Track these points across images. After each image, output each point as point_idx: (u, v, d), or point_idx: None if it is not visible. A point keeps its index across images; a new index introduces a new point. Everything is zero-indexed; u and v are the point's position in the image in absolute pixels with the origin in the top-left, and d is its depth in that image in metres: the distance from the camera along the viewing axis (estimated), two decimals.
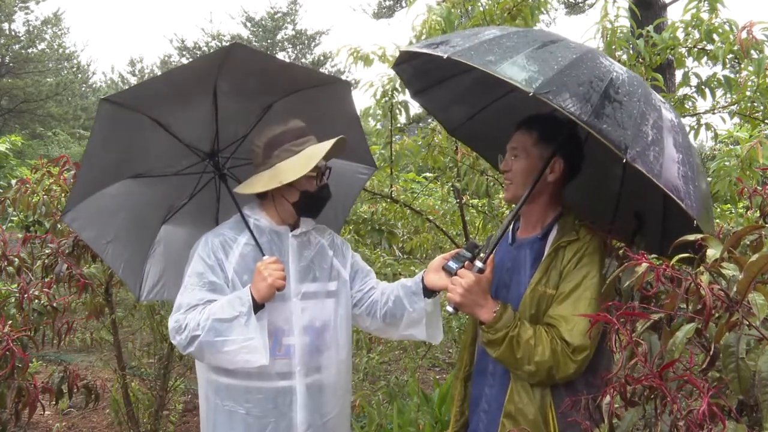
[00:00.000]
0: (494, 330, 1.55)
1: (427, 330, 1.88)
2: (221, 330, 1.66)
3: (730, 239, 1.14)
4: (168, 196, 2.09)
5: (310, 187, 1.83)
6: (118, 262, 2.07)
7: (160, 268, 2.15)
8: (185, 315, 1.72)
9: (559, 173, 1.66)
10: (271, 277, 1.67)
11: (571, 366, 1.51)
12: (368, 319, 1.97)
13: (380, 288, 1.98)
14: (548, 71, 1.33)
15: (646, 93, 1.43)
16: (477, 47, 1.45)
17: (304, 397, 1.81)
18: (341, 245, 2.02)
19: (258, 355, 1.67)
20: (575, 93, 1.31)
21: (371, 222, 3.60)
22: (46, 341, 2.72)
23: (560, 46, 1.45)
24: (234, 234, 1.84)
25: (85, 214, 1.91)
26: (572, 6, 13.99)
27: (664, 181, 1.29)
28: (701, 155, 9.97)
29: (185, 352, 1.75)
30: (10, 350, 2.02)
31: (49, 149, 19.67)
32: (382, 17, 18.11)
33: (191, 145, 1.96)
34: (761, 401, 0.97)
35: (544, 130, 1.66)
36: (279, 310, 1.79)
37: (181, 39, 33.39)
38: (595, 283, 1.54)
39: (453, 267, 1.65)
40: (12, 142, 8.02)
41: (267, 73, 1.90)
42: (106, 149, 1.83)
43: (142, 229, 2.09)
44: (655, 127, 1.37)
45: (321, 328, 1.87)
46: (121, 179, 1.94)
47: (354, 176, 2.25)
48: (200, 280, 1.76)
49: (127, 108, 1.73)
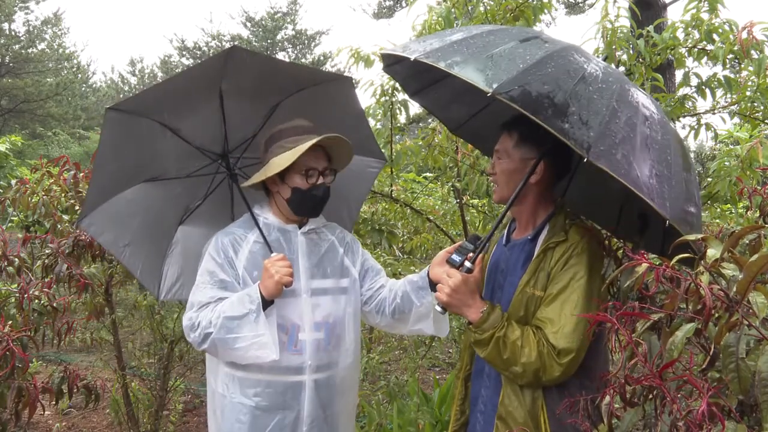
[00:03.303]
0: (481, 330, 1.55)
1: (434, 324, 1.90)
2: (232, 327, 1.71)
3: (730, 239, 1.14)
4: (183, 198, 2.13)
5: (302, 185, 1.84)
6: (136, 265, 2.11)
7: (178, 268, 2.18)
8: (198, 313, 1.77)
9: (541, 175, 1.63)
10: (278, 274, 1.71)
11: (556, 369, 1.49)
12: (378, 316, 2.00)
13: (389, 285, 2.00)
14: (512, 70, 1.32)
15: (622, 90, 1.41)
16: (446, 48, 1.45)
17: (313, 392, 1.84)
18: (351, 243, 2.04)
19: (268, 351, 1.72)
20: (538, 91, 1.29)
21: (371, 222, 3.60)
22: (46, 341, 2.72)
23: (532, 44, 1.44)
24: (244, 232, 1.88)
25: (101, 219, 1.96)
26: (572, 6, 13.99)
27: (632, 179, 1.27)
28: (701, 155, 9.96)
29: (200, 349, 1.80)
30: (10, 350, 2.02)
31: (49, 149, 19.68)
32: (382, 17, 18.12)
33: (201, 147, 1.99)
34: (761, 401, 0.97)
35: (525, 132, 1.64)
36: (291, 306, 1.83)
37: (181, 39, 33.45)
38: (583, 284, 1.52)
39: (456, 260, 1.67)
40: (12, 142, 8.02)
41: (269, 73, 1.92)
42: (118, 155, 1.86)
43: (159, 231, 2.13)
44: (628, 124, 1.35)
45: (333, 324, 1.89)
46: (135, 183, 1.98)
47: (365, 170, 2.26)
48: (211, 279, 1.81)
49: (134, 114, 1.76)
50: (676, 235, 1.28)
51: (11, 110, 22.67)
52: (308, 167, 1.83)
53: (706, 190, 2.83)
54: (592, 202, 1.88)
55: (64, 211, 3.08)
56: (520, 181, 1.62)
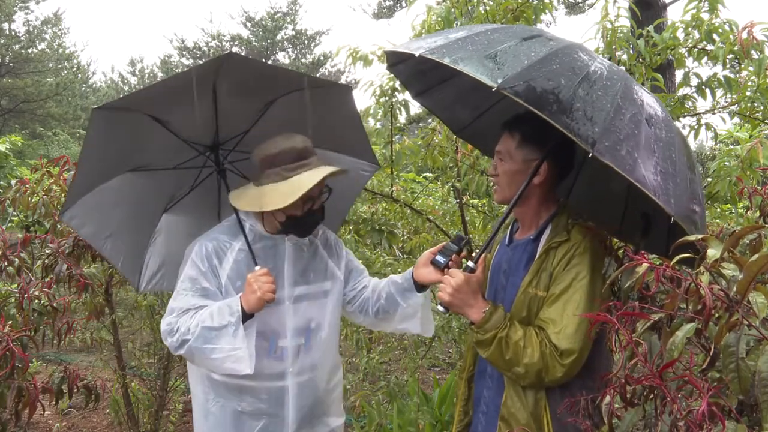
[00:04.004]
0: (483, 330, 1.54)
1: (421, 324, 1.91)
2: (210, 338, 1.69)
3: (730, 239, 1.14)
4: (168, 186, 2.08)
5: (297, 212, 1.79)
6: (118, 256, 2.07)
7: (161, 257, 2.15)
8: (177, 318, 1.75)
9: (544, 176, 1.63)
10: (260, 290, 1.68)
11: (559, 369, 1.49)
12: (360, 315, 2.01)
13: (371, 285, 2.00)
14: (517, 66, 1.32)
15: (626, 88, 1.41)
16: (450, 45, 1.44)
17: (296, 396, 1.84)
18: (335, 244, 2.02)
19: (243, 365, 1.69)
20: (543, 87, 1.29)
21: (371, 222, 3.60)
22: (46, 341, 2.72)
23: (536, 42, 1.43)
24: (228, 239, 1.84)
25: (82, 211, 1.90)
26: (572, 6, 13.98)
27: (637, 175, 1.27)
28: (701, 155, 9.96)
29: (176, 353, 1.79)
30: (10, 350, 2.02)
31: (49, 149, 19.66)
32: (382, 17, 18.11)
33: (189, 140, 1.94)
34: (761, 401, 0.96)
35: (527, 132, 1.62)
36: (272, 313, 1.81)
37: (181, 39, 33.36)
38: (585, 284, 1.52)
39: (441, 261, 1.67)
40: (12, 142, 8.02)
41: (266, 76, 1.90)
42: (102, 150, 1.81)
43: (143, 219, 2.08)
44: (632, 121, 1.34)
45: (316, 329, 1.89)
46: (119, 173, 1.92)
47: (357, 173, 2.25)
48: (193, 286, 1.78)
49: (122, 110, 1.73)
50: (680, 234, 1.28)
51: (11, 110, 22.67)
52: (305, 197, 1.76)
53: (706, 190, 2.83)
54: (595, 202, 1.87)
55: None
56: (522, 182, 1.62)
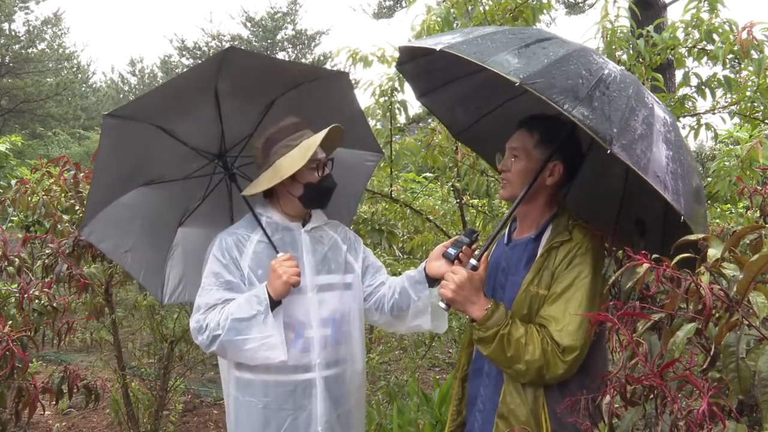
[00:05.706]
0: (485, 328, 1.55)
1: (432, 320, 1.91)
2: (241, 329, 1.71)
3: (730, 239, 1.14)
4: (182, 199, 2.13)
5: (313, 179, 1.86)
6: (139, 270, 2.11)
7: (180, 270, 2.18)
8: (205, 315, 1.77)
9: (558, 177, 1.66)
10: (285, 275, 1.71)
11: (560, 366, 1.50)
12: (376, 313, 2.00)
13: (388, 282, 2.01)
14: (537, 64, 1.35)
15: (638, 90, 1.44)
16: (470, 42, 1.47)
17: (324, 390, 1.84)
18: (354, 240, 2.05)
19: (277, 352, 1.72)
20: (563, 86, 1.31)
21: (371, 222, 3.60)
22: (46, 341, 2.72)
23: (553, 43, 1.46)
24: (247, 232, 1.88)
25: (101, 226, 1.96)
26: (572, 6, 13.98)
27: (650, 174, 1.29)
28: (701, 155, 9.98)
29: (208, 351, 1.80)
30: (10, 350, 2.02)
31: (49, 149, 19.65)
32: (382, 17, 18.09)
33: (198, 148, 1.99)
34: (761, 401, 0.97)
35: (546, 132, 1.65)
36: (297, 304, 1.83)
37: (181, 39, 33.36)
38: (587, 283, 1.54)
39: (452, 253, 1.68)
40: (12, 142, 8.00)
41: (265, 71, 1.92)
42: (116, 161, 1.87)
43: (159, 234, 2.13)
44: (645, 122, 1.37)
45: (340, 320, 1.90)
46: (133, 188, 1.98)
47: (362, 164, 2.26)
48: (217, 280, 1.80)
49: (131, 119, 1.76)
50: (678, 237, 1.29)
51: (11, 110, 22.65)
52: (316, 160, 1.84)
53: (706, 190, 2.83)
54: (592, 203, 1.88)
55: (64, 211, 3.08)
56: (534, 180, 1.63)
